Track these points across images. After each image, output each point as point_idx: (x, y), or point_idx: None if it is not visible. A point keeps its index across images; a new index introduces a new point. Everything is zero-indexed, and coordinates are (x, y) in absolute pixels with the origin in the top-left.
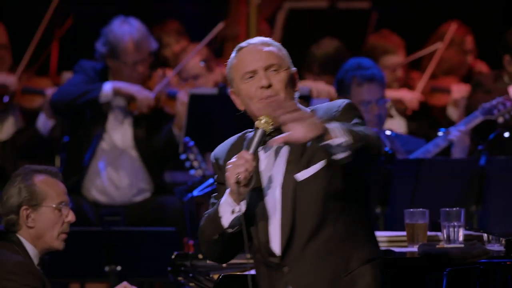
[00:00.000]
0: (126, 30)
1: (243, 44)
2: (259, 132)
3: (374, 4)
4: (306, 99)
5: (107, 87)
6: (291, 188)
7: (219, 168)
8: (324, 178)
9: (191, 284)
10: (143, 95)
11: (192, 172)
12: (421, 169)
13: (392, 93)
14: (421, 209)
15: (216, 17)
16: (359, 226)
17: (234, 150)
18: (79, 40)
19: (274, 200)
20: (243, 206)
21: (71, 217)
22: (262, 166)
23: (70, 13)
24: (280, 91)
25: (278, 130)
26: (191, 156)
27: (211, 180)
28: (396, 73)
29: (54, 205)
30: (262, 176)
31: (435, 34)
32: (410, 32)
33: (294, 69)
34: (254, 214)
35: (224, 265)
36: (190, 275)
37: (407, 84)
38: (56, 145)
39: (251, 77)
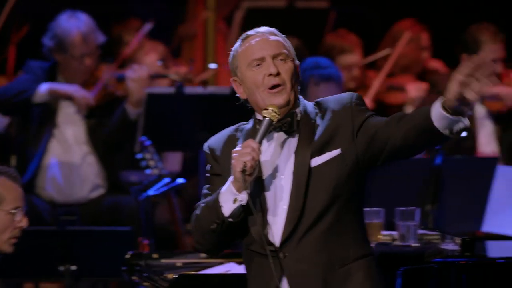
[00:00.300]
0: (73, 24)
1: (250, 32)
2: (265, 121)
3: (333, 4)
4: None
5: (43, 88)
6: (305, 173)
7: (215, 159)
8: (337, 167)
9: (145, 283)
10: (80, 94)
11: (148, 171)
12: (377, 168)
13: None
14: (376, 208)
15: (177, 16)
16: (357, 221)
17: (230, 141)
18: (36, 41)
19: (280, 190)
20: (245, 195)
21: (24, 223)
22: (264, 156)
23: (26, 14)
24: (287, 80)
25: (280, 122)
26: (147, 156)
27: (167, 180)
28: (353, 72)
29: (8, 210)
30: (264, 166)
31: (390, 33)
32: (368, 31)
33: (297, 62)
34: (256, 203)
35: (178, 264)
36: (145, 274)
37: (364, 84)
38: (12, 143)
39: (258, 64)
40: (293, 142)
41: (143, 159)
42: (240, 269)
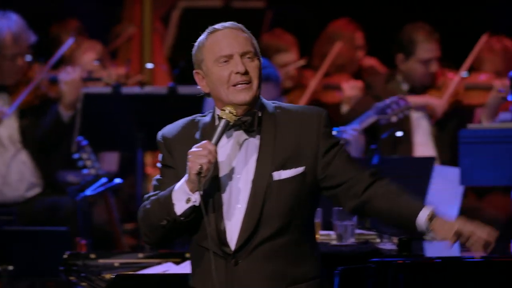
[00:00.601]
0: (4, 24)
1: (217, 26)
2: (222, 123)
3: (269, 4)
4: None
5: None
6: (264, 185)
7: (168, 150)
8: (299, 184)
9: (83, 283)
10: None
11: (85, 171)
12: None
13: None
14: None
15: (115, 16)
16: (311, 239)
17: (186, 133)
18: None
19: (236, 192)
20: (198, 196)
21: None
22: (221, 153)
23: None
24: (254, 78)
25: (240, 121)
26: (84, 156)
27: (104, 180)
28: (289, 72)
29: None
30: (221, 165)
31: (325, 32)
32: (304, 31)
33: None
34: (209, 203)
35: (116, 264)
36: (82, 274)
37: (300, 83)
38: None
39: (226, 61)
40: (252, 144)
41: (80, 159)
42: (177, 269)
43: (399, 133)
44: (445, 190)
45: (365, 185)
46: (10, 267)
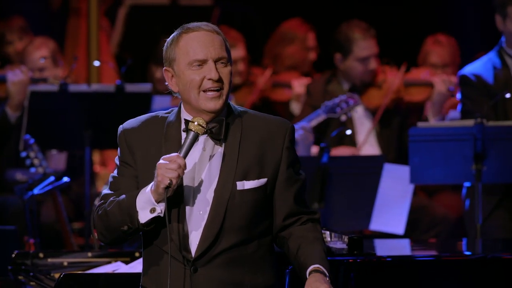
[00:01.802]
0: None
1: (192, 25)
2: (191, 135)
3: (216, 1)
4: (148, 96)
5: None
6: (227, 194)
7: (129, 147)
8: (261, 194)
9: (32, 283)
10: None
11: (32, 170)
12: None
13: None
14: None
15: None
16: (270, 248)
17: (149, 132)
18: None
19: (200, 199)
20: (164, 206)
21: None
22: (189, 158)
23: None
24: (225, 85)
25: (207, 127)
26: (32, 154)
27: (52, 178)
28: (238, 67)
29: None
30: (186, 171)
31: (277, 32)
32: (251, 28)
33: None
34: (172, 208)
35: (65, 263)
36: (31, 274)
37: (248, 80)
38: None
39: (199, 65)
40: (217, 151)
41: (27, 158)
42: (127, 268)
43: (348, 132)
44: (395, 189)
45: (291, 222)
46: None
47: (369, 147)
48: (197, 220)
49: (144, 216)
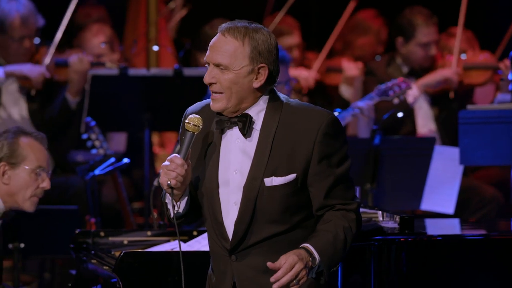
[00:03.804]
0: (13, 6)
1: (221, 26)
2: (188, 136)
3: None
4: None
5: None
6: (255, 192)
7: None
8: (290, 189)
9: (93, 261)
10: (35, 72)
11: (93, 151)
12: None
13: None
14: None
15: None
16: (307, 233)
17: (204, 114)
18: None
19: (232, 191)
20: (183, 204)
21: (46, 184)
22: (223, 147)
23: None
24: (225, 89)
25: (236, 119)
26: (93, 136)
27: (112, 159)
28: (292, 54)
29: (31, 168)
30: (221, 159)
31: (350, 19)
32: (305, 13)
33: (260, 65)
34: (210, 197)
35: (125, 242)
36: (92, 252)
37: (303, 64)
38: None
39: (208, 65)
40: (250, 145)
41: (88, 139)
42: (185, 247)
43: (400, 114)
44: (445, 170)
45: (323, 212)
46: (22, 245)
47: (426, 129)
48: (231, 211)
49: (171, 210)
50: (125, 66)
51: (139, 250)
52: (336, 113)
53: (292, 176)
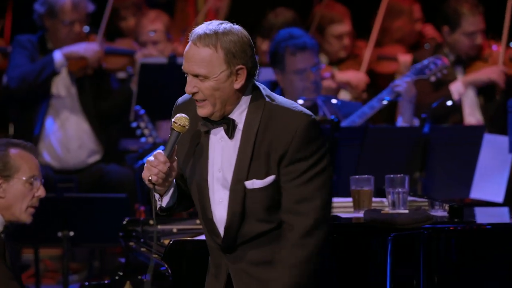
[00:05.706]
0: None
1: (192, 32)
2: (174, 135)
3: None
4: None
5: (58, 56)
6: (241, 193)
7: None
8: (271, 189)
9: (142, 249)
10: (91, 51)
11: (143, 139)
12: (367, 137)
13: (339, 76)
14: (366, 176)
15: None
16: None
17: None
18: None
19: (219, 189)
20: (163, 200)
21: (41, 191)
22: (211, 146)
23: None
24: (208, 96)
25: (221, 122)
26: (142, 124)
27: (161, 148)
28: (343, 42)
29: (25, 178)
30: (210, 158)
31: (383, 5)
32: (356, 1)
33: (238, 67)
34: (201, 192)
35: (174, 230)
36: (141, 240)
37: (353, 53)
38: (9, 112)
39: (187, 75)
40: (232, 148)
41: (138, 128)
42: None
43: (449, 102)
44: (494, 158)
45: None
46: (71, 233)
47: (473, 118)
48: (218, 208)
49: (157, 204)
50: (174, 55)
51: (188, 238)
52: (385, 102)
53: (271, 178)
